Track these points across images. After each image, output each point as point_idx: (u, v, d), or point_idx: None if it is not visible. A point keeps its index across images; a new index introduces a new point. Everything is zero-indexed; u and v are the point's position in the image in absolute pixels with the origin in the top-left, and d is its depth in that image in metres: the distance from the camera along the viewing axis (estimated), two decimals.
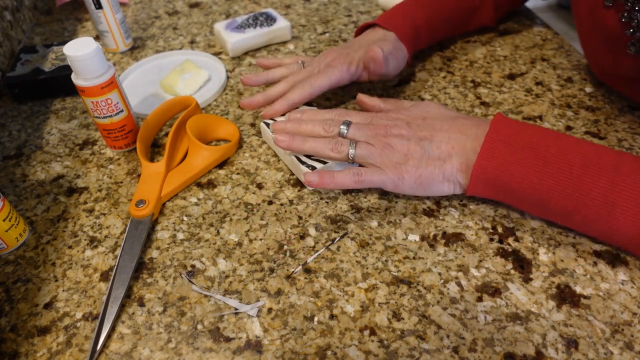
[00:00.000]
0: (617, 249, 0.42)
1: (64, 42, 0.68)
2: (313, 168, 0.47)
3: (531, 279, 0.40)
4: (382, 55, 0.53)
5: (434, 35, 0.63)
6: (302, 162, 0.47)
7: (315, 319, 0.38)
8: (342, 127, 0.46)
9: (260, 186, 0.50)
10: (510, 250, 0.42)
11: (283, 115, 0.53)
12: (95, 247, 0.45)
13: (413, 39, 0.58)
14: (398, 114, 0.47)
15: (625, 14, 0.46)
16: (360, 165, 0.46)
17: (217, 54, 0.70)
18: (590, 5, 0.51)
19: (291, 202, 0.48)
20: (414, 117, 0.46)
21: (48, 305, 0.40)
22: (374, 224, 0.45)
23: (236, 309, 0.39)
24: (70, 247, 0.45)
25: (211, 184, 0.50)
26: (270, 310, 0.39)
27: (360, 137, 0.45)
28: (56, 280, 0.42)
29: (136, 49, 0.73)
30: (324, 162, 0.47)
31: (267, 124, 0.52)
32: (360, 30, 0.61)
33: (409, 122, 0.45)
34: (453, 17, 0.64)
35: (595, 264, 0.41)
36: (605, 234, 0.39)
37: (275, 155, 0.53)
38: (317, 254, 0.43)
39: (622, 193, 0.36)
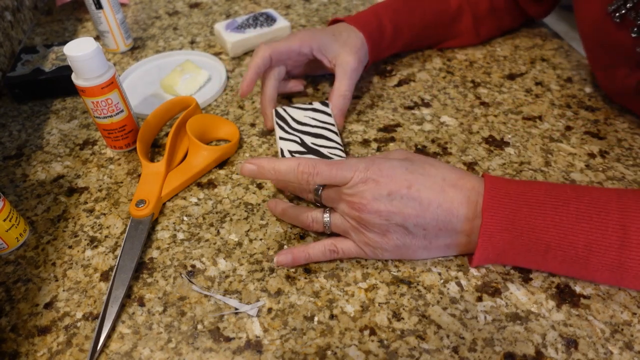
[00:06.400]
0: None
1: (64, 42, 0.68)
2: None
3: (531, 279, 0.40)
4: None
5: (399, 41, 0.61)
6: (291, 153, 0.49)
7: (315, 319, 0.38)
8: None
9: (260, 186, 0.50)
10: None
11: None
12: (96, 247, 0.45)
13: (377, 45, 0.58)
14: (378, 180, 0.38)
15: (636, 29, 0.44)
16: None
17: (217, 54, 0.70)
18: (596, 22, 0.49)
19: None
20: (399, 186, 0.37)
21: (48, 305, 0.41)
22: None
23: (236, 309, 0.39)
24: (70, 247, 0.45)
25: (211, 184, 0.50)
26: (270, 310, 0.39)
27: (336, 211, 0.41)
28: (56, 280, 0.42)
29: (136, 49, 0.73)
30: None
31: (277, 112, 0.53)
32: (332, 22, 0.62)
33: (391, 193, 0.37)
34: (426, 24, 0.62)
35: None
36: (615, 285, 0.39)
37: (276, 154, 0.53)
38: None
39: (631, 270, 0.35)
